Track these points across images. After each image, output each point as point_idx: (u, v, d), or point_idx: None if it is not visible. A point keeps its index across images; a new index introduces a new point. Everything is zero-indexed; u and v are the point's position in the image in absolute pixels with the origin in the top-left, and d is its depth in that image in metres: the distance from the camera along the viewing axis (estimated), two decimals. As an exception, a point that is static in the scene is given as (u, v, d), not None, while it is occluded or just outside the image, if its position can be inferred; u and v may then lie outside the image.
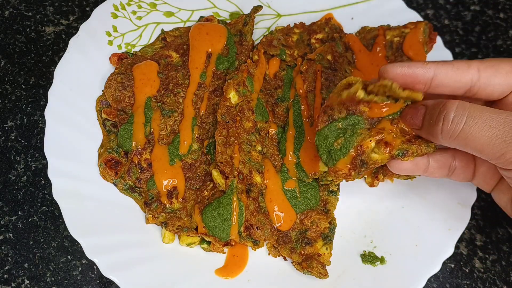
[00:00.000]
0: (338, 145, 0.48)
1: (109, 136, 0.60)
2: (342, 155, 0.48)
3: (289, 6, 0.72)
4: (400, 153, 0.47)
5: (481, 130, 0.41)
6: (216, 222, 0.54)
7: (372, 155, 0.47)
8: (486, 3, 0.80)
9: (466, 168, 0.51)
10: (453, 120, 0.42)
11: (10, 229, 0.60)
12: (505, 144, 0.40)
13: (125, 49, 0.66)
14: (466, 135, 0.41)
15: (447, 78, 0.46)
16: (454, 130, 0.42)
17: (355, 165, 0.48)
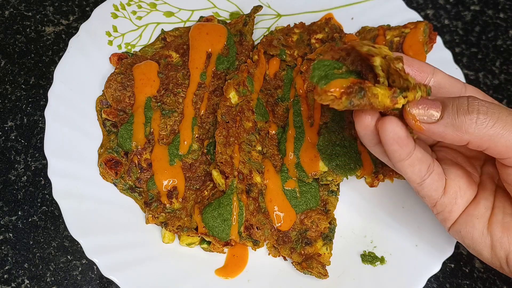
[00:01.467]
0: (338, 72, 0.42)
1: (109, 136, 0.60)
2: (341, 76, 0.41)
3: (289, 6, 0.72)
4: (402, 91, 0.40)
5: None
6: (216, 222, 0.54)
7: (374, 87, 0.40)
8: (486, 3, 0.80)
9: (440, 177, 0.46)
10: (488, 110, 0.40)
11: (10, 229, 0.60)
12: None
13: (125, 49, 0.66)
14: (501, 129, 0.39)
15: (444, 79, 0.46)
16: (489, 121, 0.39)
17: (351, 91, 0.40)
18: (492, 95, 0.73)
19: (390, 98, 0.40)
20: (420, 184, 0.46)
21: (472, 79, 0.74)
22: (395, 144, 0.42)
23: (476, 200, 0.47)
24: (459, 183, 0.47)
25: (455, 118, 0.40)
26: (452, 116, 0.40)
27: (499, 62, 0.76)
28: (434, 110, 0.41)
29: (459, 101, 0.41)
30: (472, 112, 0.40)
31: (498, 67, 0.75)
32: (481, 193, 0.47)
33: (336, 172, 0.57)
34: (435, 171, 0.46)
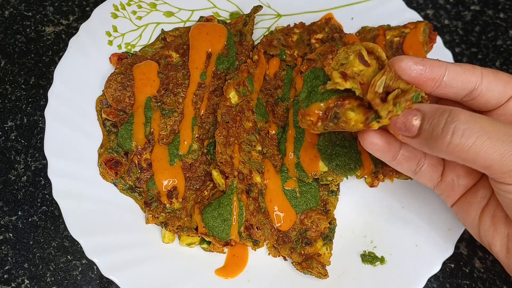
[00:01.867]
0: (323, 89, 0.43)
1: (109, 136, 0.60)
2: (320, 98, 0.43)
3: (289, 6, 0.72)
4: (376, 116, 0.41)
5: (493, 145, 0.38)
6: (216, 222, 0.54)
7: (349, 111, 0.41)
8: (486, 3, 0.80)
9: (433, 168, 0.49)
10: (464, 133, 0.38)
11: (10, 229, 0.60)
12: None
13: (125, 49, 0.66)
14: (478, 150, 0.38)
15: (456, 78, 0.44)
16: (464, 144, 0.39)
17: (326, 116, 0.42)
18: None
19: (363, 123, 0.41)
20: (414, 176, 0.49)
21: (472, 79, 0.74)
22: (377, 152, 0.46)
23: (476, 187, 0.48)
24: (458, 171, 0.48)
25: (429, 139, 0.41)
26: (426, 136, 0.41)
27: (499, 62, 0.76)
28: (411, 127, 0.41)
29: (438, 120, 0.40)
30: (445, 136, 0.39)
31: (498, 67, 0.75)
32: (482, 182, 0.48)
33: (336, 172, 0.57)
34: (426, 163, 0.48)
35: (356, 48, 0.41)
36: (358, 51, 0.40)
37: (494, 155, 0.38)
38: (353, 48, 0.41)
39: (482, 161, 0.39)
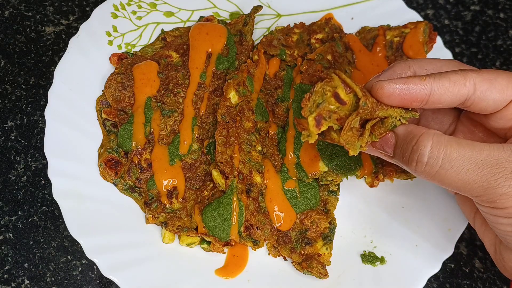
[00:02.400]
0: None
1: (109, 136, 0.60)
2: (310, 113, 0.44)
3: (289, 6, 0.72)
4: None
5: (458, 174, 0.39)
6: (216, 222, 0.54)
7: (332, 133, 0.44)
8: (486, 3, 0.80)
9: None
10: (427, 162, 0.40)
11: (10, 229, 0.60)
12: (482, 189, 0.39)
13: (125, 49, 0.66)
14: (442, 177, 0.40)
15: (444, 94, 0.42)
16: (429, 172, 0.41)
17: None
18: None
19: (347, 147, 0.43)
20: None
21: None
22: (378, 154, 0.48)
23: None
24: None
25: (400, 162, 0.44)
26: (399, 159, 0.44)
27: (499, 62, 0.76)
28: (387, 150, 0.44)
29: (406, 146, 0.42)
30: (411, 163, 0.42)
31: (498, 67, 0.75)
32: None
33: (336, 172, 0.57)
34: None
35: (333, 85, 0.41)
36: (335, 89, 0.41)
37: (459, 183, 0.40)
38: (330, 84, 0.41)
39: (449, 186, 0.41)
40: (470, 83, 0.42)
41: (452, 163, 0.39)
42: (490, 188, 0.39)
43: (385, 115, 0.43)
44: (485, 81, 0.42)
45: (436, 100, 0.42)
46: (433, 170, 0.40)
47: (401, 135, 0.43)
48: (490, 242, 0.49)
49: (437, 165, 0.40)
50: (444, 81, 0.42)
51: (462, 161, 0.39)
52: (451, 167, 0.39)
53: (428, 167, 0.40)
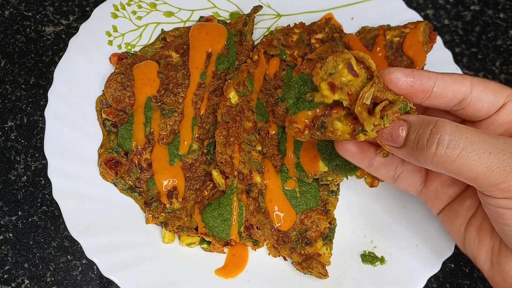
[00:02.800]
0: (311, 97, 0.42)
1: (109, 136, 0.60)
2: (308, 106, 0.42)
3: (289, 6, 0.72)
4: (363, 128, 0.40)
5: (479, 157, 0.37)
6: (216, 222, 0.54)
7: (336, 122, 0.41)
8: (486, 3, 0.80)
9: (413, 174, 0.48)
10: (449, 144, 0.38)
11: (10, 229, 0.60)
12: (504, 173, 0.37)
13: (125, 49, 0.66)
14: (463, 161, 0.38)
15: (446, 89, 0.43)
16: (449, 155, 0.38)
17: (313, 124, 0.42)
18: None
19: (350, 135, 0.40)
20: (394, 182, 0.49)
21: (472, 79, 0.74)
22: (352, 159, 0.47)
23: (463, 196, 0.47)
24: (443, 179, 0.47)
25: (414, 150, 0.40)
26: (411, 147, 0.40)
27: (499, 62, 0.76)
28: (397, 138, 0.41)
29: (423, 130, 0.39)
30: (430, 147, 0.39)
31: (498, 67, 0.75)
32: (470, 191, 0.47)
33: (336, 172, 0.57)
34: (405, 169, 0.48)
35: (346, 57, 0.39)
36: (348, 60, 0.39)
37: (480, 167, 0.37)
38: (342, 56, 0.39)
39: (468, 174, 0.38)
40: (468, 82, 0.43)
41: (474, 145, 0.37)
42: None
43: (394, 98, 0.41)
44: (480, 83, 0.43)
45: (439, 93, 0.43)
46: (455, 153, 0.38)
47: (415, 121, 0.41)
48: (486, 254, 0.46)
49: (459, 147, 0.37)
50: (446, 77, 0.43)
51: (483, 144, 0.38)
52: (473, 150, 0.37)
53: (450, 149, 0.38)
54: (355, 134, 0.40)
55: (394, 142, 0.41)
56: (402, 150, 0.41)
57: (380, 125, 0.40)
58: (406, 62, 0.65)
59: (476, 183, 0.39)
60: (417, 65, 0.63)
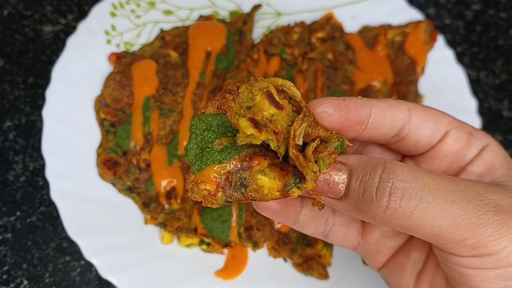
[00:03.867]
0: (220, 145, 0.32)
1: (107, 136, 0.60)
2: (219, 159, 0.31)
3: (289, 4, 0.71)
4: (297, 179, 0.31)
5: (441, 208, 0.30)
6: (215, 223, 0.53)
7: (260, 176, 0.31)
8: (487, 3, 0.80)
9: (347, 227, 0.40)
10: (404, 194, 0.30)
11: (8, 230, 0.60)
12: (471, 227, 0.30)
13: (123, 48, 0.65)
14: (422, 215, 0.30)
15: (384, 117, 0.36)
16: (405, 209, 0.30)
17: (229, 183, 0.31)
18: (493, 95, 0.73)
19: (280, 192, 0.31)
20: (326, 238, 0.41)
21: (473, 79, 0.74)
22: (275, 217, 0.38)
23: (407, 247, 0.40)
24: (382, 229, 0.40)
25: (359, 202, 0.31)
26: (356, 198, 0.32)
27: (500, 61, 0.75)
28: (336, 187, 0.32)
29: (369, 176, 0.31)
30: (380, 199, 0.30)
31: (499, 66, 0.75)
32: (416, 241, 0.40)
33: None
34: (337, 223, 0.40)
35: (263, 86, 0.31)
36: (266, 89, 0.31)
37: (442, 221, 0.30)
38: (257, 85, 0.31)
39: (428, 230, 0.30)
40: (405, 107, 0.36)
41: (434, 193, 0.30)
42: (480, 226, 0.30)
43: (326, 135, 0.33)
44: (418, 108, 0.37)
45: (376, 123, 0.36)
46: (411, 205, 0.30)
47: (356, 164, 0.32)
48: None
49: (416, 197, 0.30)
50: (381, 103, 0.36)
51: (443, 191, 0.30)
52: (433, 199, 0.30)
53: (405, 201, 0.30)
54: (287, 189, 0.31)
55: (333, 193, 0.32)
56: (343, 202, 0.33)
57: (318, 173, 0.31)
58: (407, 61, 0.64)
59: (436, 240, 0.31)
60: (418, 65, 0.63)
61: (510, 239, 0.30)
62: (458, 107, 0.64)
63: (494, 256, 0.30)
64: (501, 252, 0.30)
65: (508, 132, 0.70)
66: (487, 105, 0.72)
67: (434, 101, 0.65)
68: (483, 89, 0.73)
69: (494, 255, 0.30)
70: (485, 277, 0.31)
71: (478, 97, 0.72)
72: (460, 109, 0.64)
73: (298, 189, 0.31)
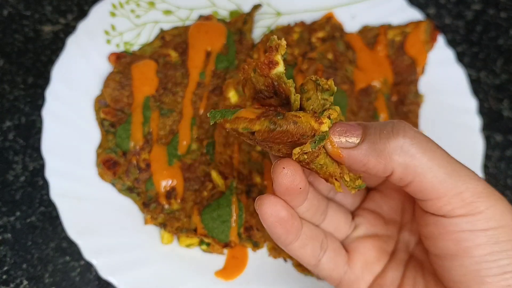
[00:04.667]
0: None
1: (107, 136, 0.60)
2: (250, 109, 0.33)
3: (289, 4, 0.71)
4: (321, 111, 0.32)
5: (446, 156, 0.32)
6: (215, 224, 0.53)
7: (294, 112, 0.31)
8: (487, 3, 0.80)
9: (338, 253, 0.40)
10: (415, 135, 0.32)
11: (8, 230, 0.60)
12: (467, 178, 0.32)
13: (123, 48, 0.65)
14: (433, 156, 0.32)
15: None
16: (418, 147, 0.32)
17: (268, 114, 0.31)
18: (493, 95, 0.73)
19: (314, 118, 0.31)
20: (317, 266, 0.39)
21: (474, 78, 0.74)
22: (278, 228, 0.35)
23: (384, 270, 0.40)
24: (367, 256, 0.40)
25: (377, 142, 0.32)
26: (374, 139, 0.32)
27: (500, 61, 0.75)
28: (354, 132, 0.33)
29: (383, 123, 0.33)
30: (397, 135, 0.32)
31: (499, 66, 0.75)
32: (391, 263, 0.40)
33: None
34: (329, 246, 0.39)
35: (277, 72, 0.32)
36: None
37: (447, 167, 0.32)
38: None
39: (437, 173, 0.31)
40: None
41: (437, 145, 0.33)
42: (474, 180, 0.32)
43: None
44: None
45: None
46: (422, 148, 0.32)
47: (369, 124, 0.34)
48: None
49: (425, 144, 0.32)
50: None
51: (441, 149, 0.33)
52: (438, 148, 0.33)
53: (417, 142, 0.32)
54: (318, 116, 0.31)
55: (351, 133, 0.33)
56: (361, 147, 0.33)
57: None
58: (408, 61, 0.64)
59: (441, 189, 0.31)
60: (418, 65, 0.63)
61: (496, 198, 0.32)
62: (458, 107, 0.64)
63: (485, 213, 0.31)
64: (490, 209, 0.31)
65: (508, 132, 0.70)
66: (487, 105, 0.72)
67: (434, 101, 0.65)
68: (483, 89, 0.73)
69: (485, 212, 0.31)
70: (478, 240, 0.31)
71: (478, 97, 0.72)
72: (460, 109, 0.64)
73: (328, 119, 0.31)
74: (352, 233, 0.42)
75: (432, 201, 0.32)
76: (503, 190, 0.67)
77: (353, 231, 0.42)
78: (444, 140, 0.63)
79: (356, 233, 0.41)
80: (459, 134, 0.63)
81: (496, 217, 0.31)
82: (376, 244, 0.41)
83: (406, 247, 0.41)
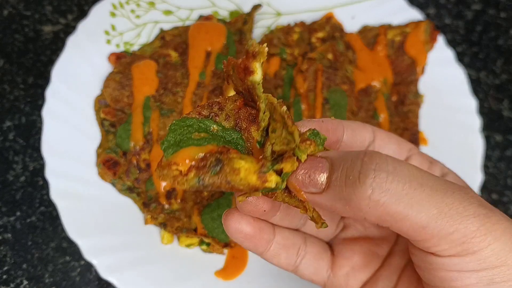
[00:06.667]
0: (198, 136, 0.30)
1: (107, 136, 0.60)
2: (196, 144, 0.29)
3: (289, 4, 0.71)
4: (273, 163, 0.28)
5: (428, 195, 0.27)
6: (215, 223, 0.53)
7: (236, 159, 0.28)
8: (487, 3, 0.80)
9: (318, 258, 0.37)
10: (388, 178, 0.27)
11: (8, 230, 0.60)
12: (458, 217, 0.27)
13: (123, 48, 0.65)
14: (410, 201, 0.27)
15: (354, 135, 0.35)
16: (394, 190, 0.27)
17: (204, 164, 0.28)
18: (493, 95, 0.73)
19: (257, 174, 0.28)
20: (295, 271, 0.37)
21: (473, 78, 0.74)
22: (246, 242, 0.34)
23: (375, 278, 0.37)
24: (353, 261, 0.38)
25: (342, 190, 0.28)
26: (339, 186, 0.28)
27: (500, 61, 0.75)
28: (318, 178, 0.29)
29: (351, 163, 0.28)
30: (364, 181, 0.27)
31: (499, 67, 0.75)
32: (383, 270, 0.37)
33: None
34: (308, 253, 0.37)
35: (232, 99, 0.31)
36: None
37: (430, 209, 0.27)
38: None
39: (415, 219, 0.27)
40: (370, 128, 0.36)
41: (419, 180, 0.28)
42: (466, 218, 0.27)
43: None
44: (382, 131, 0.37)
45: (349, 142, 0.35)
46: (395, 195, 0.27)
47: (337, 155, 0.30)
48: None
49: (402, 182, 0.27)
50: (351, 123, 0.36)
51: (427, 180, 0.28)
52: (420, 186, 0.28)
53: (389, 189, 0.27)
54: (264, 171, 0.28)
55: (314, 185, 0.29)
56: (326, 195, 0.29)
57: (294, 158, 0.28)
58: (407, 61, 0.64)
59: (423, 233, 0.28)
60: (418, 65, 0.63)
61: (495, 236, 0.27)
62: (458, 107, 0.64)
63: (478, 254, 0.28)
64: (484, 250, 0.27)
65: (508, 132, 0.70)
66: (487, 105, 0.72)
67: (434, 101, 0.65)
68: (483, 89, 0.73)
69: (478, 253, 0.28)
70: (468, 281, 0.28)
71: (478, 97, 0.72)
72: (460, 109, 0.64)
73: (275, 175, 0.28)
74: (340, 233, 0.39)
75: (418, 242, 0.29)
76: (503, 190, 0.67)
77: (341, 231, 0.39)
78: (444, 140, 0.64)
79: (344, 234, 0.38)
80: (459, 134, 0.63)
81: (492, 258, 0.27)
82: (365, 247, 0.37)
83: (404, 251, 0.37)
